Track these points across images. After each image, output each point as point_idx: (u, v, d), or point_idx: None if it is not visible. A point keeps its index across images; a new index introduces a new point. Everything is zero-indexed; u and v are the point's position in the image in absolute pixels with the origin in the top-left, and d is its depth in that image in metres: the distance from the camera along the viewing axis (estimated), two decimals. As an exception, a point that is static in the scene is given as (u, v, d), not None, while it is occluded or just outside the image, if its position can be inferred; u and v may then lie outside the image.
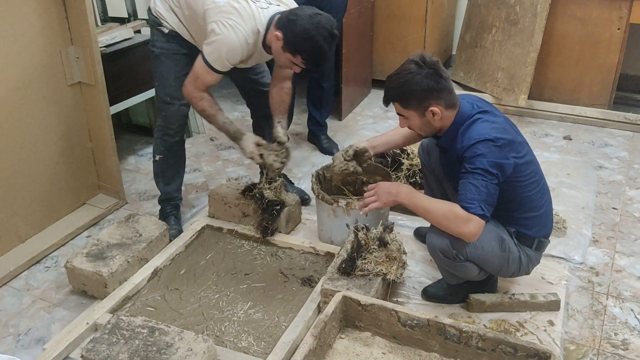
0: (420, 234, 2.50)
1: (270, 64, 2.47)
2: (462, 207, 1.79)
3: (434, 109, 1.87)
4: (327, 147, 3.42)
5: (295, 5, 2.28)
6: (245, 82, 2.58)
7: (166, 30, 2.35)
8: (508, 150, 1.85)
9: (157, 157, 2.55)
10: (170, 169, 2.59)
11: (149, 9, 2.41)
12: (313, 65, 2.18)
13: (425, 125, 1.94)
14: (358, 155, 2.31)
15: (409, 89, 1.86)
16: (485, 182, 1.79)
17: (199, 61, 2.20)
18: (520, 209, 1.97)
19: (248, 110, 2.78)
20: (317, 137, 3.48)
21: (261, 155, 2.33)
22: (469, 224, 1.79)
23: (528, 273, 2.09)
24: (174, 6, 2.31)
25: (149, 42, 2.45)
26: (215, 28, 2.13)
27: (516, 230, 1.99)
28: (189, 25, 2.31)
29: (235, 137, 2.32)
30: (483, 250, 1.91)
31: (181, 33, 2.34)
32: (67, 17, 2.51)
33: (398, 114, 1.97)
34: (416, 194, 1.93)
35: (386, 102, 1.97)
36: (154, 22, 2.39)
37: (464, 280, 2.07)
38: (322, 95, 3.39)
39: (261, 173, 2.59)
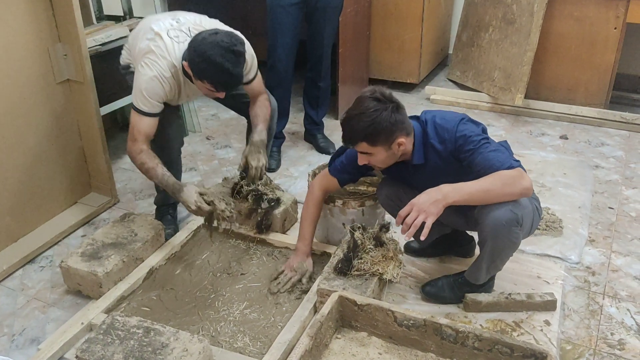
0: (411, 251, 2.43)
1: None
2: (506, 169, 1.80)
3: (401, 140, 1.90)
4: (323, 146, 3.41)
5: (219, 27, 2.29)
6: (231, 100, 2.57)
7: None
8: (473, 120, 1.97)
9: None
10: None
11: (119, 64, 2.49)
12: (223, 88, 2.17)
13: (389, 157, 1.95)
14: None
15: (378, 127, 1.85)
16: (495, 144, 1.87)
17: (131, 112, 2.24)
18: None
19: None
20: (314, 136, 3.47)
21: (209, 203, 2.23)
22: (525, 177, 1.81)
23: (541, 213, 2.09)
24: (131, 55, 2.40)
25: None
26: (135, 71, 2.23)
27: None
28: None
29: (175, 190, 2.22)
30: (526, 207, 1.89)
31: None
32: (54, 14, 2.50)
33: (361, 152, 1.94)
34: (461, 185, 1.82)
35: (352, 143, 1.93)
36: (124, 70, 2.47)
37: (489, 275, 2.08)
38: (319, 95, 3.38)
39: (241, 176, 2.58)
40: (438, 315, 1.90)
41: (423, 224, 1.79)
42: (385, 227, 2.17)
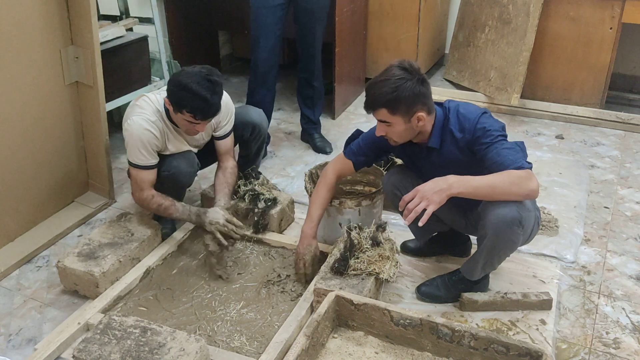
0: (407, 250, 2.44)
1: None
2: (516, 168, 1.81)
3: (421, 114, 1.91)
4: (320, 146, 3.41)
5: None
6: (208, 149, 2.58)
7: None
8: (493, 117, 1.98)
9: None
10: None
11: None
12: (202, 116, 2.20)
13: (407, 131, 1.95)
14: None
15: (401, 94, 1.86)
16: (511, 143, 1.87)
17: (130, 173, 2.33)
18: None
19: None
20: (311, 136, 3.47)
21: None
22: (533, 179, 1.81)
23: (540, 223, 2.10)
24: None
25: None
26: (124, 132, 2.30)
27: None
28: None
29: (201, 213, 2.29)
30: (530, 210, 1.90)
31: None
32: (69, 16, 2.49)
33: (380, 120, 1.95)
34: (469, 178, 1.83)
35: (373, 108, 1.94)
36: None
37: (484, 272, 2.08)
38: (313, 94, 3.37)
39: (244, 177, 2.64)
40: (434, 315, 1.90)
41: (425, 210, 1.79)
42: (381, 227, 2.18)
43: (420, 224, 1.81)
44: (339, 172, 2.24)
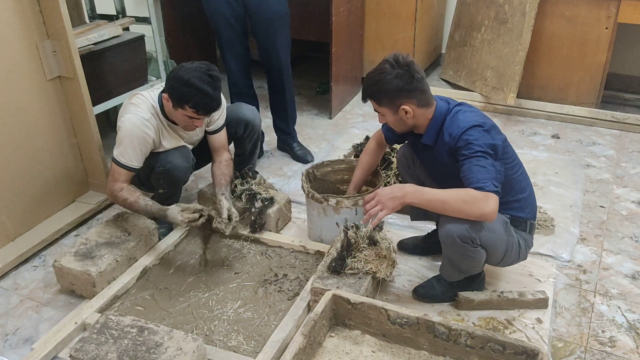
0: (404, 247, 2.45)
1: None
2: (476, 188, 1.80)
3: (406, 107, 1.95)
4: (300, 155, 3.29)
5: None
6: (204, 147, 2.59)
7: None
8: (494, 133, 1.94)
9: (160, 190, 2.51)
10: (167, 201, 2.54)
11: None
12: (204, 111, 2.23)
13: (398, 121, 2.02)
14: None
15: (381, 88, 1.95)
16: (489, 161, 1.85)
17: (112, 164, 2.33)
18: (512, 192, 2.01)
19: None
20: (289, 145, 3.34)
21: (200, 213, 2.29)
22: (489, 203, 1.79)
23: (525, 258, 2.12)
24: None
25: None
26: (118, 130, 2.30)
27: (510, 216, 2.02)
28: None
29: (161, 216, 2.30)
30: (495, 234, 1.92)
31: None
32: (40, 10, 2.48)
33: (374, 110, 2.05)
34: (424, 190, 1.88)
35: (363, 99, 2.06)
36: None
37: (464, 275, 2.08)
38: (287, 106, 3.26)
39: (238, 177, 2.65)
40: (431, 314, 1.91)
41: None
42: (378, 226, 2.18)
43: (370, 226, 1.97)
44: (377, 140, 2.38)
